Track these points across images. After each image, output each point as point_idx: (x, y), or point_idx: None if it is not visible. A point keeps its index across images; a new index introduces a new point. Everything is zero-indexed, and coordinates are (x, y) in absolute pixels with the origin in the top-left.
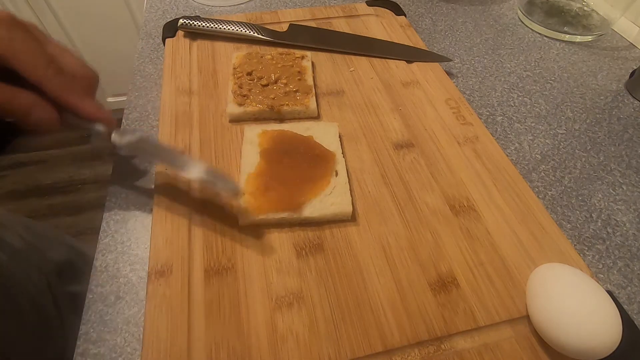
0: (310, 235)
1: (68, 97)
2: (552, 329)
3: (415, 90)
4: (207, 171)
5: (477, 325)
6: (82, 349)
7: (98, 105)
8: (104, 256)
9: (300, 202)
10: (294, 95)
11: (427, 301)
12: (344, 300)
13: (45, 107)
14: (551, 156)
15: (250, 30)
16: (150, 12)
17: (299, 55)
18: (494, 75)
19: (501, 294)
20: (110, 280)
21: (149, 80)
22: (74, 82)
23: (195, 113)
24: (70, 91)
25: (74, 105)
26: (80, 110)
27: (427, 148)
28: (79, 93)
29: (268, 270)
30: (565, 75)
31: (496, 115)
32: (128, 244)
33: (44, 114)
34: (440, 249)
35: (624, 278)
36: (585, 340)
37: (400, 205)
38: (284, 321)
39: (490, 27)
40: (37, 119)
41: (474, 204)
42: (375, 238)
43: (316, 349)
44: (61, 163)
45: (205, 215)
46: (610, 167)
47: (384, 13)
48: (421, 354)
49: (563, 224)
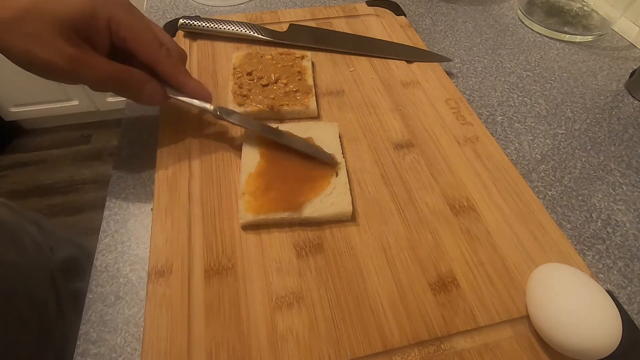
0: (310, 235)
1: (178, 75)
2: (552, 329)
3: (415, 90)
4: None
5: (477, 325)
6: (82, 349)
7: (200, 83)
8: (104, 256)
9: (300, 202)
10: (294, 95)
11: (427, 301)
12: (344, 300)
13: (156, 84)
14: (551, 156)
15: (250, 30)
16: (150, 12)
17: (299, 55)
18: (494, 75)
19: (501, 294)
20: (110, 280)
21: None
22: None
23: (195, 113)
24: (178, 70)
25: (182, 83)
26: (187, 87)
27: (427, 148)
28: (183, 71)
29: (268, 270)
30: (565, 75)
31: (496, 115)
32: (128, 244)
33: (155, 89)
34: (440, 249)
35: (624, 278)
36: (585, 340)
37: (400, 205)
38: (284, 321)
39: (490, 27)
40: (148, 94)
41: (474, 204)
42: (375, 238)
43: (316, 349)
44: (61, 163)
45: (205, 215)
46: (610, 167)
47: (384, 13)
48: (421, 354)
49: (563, 224)
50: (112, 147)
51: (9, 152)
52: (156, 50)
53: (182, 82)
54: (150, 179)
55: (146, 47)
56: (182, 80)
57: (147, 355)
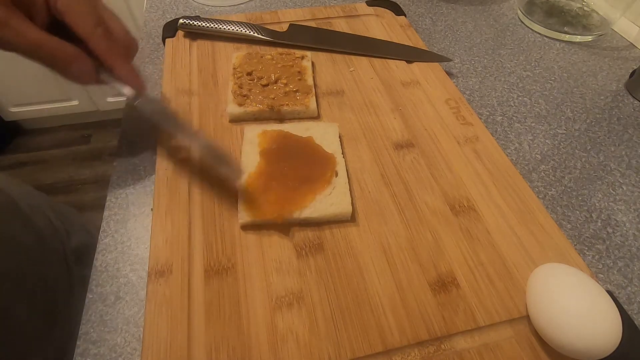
0: (310, 235)
1: (110, 57)
2: (552, 329)
3: (415, 90)
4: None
5: (477, 325)
6: (82, 349)
7: (135, 71)
8: (104, 256)
9: (299, 202)
10: (294, 95)
11: (427, 301)
12: (344, 300)
13: (86, 61)
14: (551, 156)
15: (250, 30)
16: (150, 12)
17: (299, 55)
18: (494, 75)
19: (501, 294)
20: (110, 280)
21: (149, 80)
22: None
23: (195, 113)
24: (112, 52)
25: (114, 66)
26: (118, 72)
27: (427, 148)
28: (120, 56)
29: (268, 270)
30: (565, 75)
31: (496, 115)
32: (128, 244)
33: (84, 67)
34: (440, 249)
35: (624, 278)
36: (585, 340)
37: (400, 205)
38: (284, 321)
39: (490, 27)
40: (76, 70)
41: (474, 204)
42: (375, 238)
43: (316, 349)
44: (61, 163)
45: (205, 215)
46: (610, 167)
47: (384, 13)
48: (421, 354)
49: (563, 224)
50: (112, 147)
51: (9, 152)
52: (91, 27)
53: (113, 64)
54: (150, 179)
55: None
56: (114, 63)
57: (147, 355)
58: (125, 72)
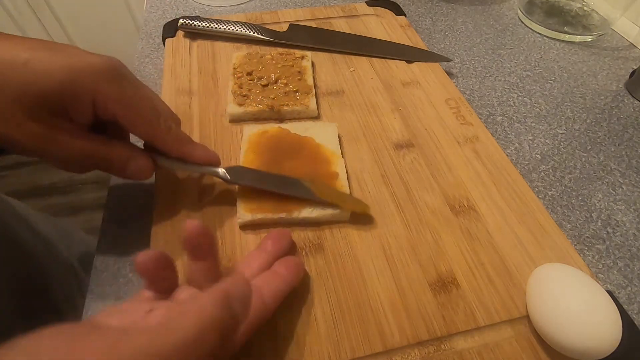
0: (310, 235)
1: (182, 148)
2: (552, 329)
3: (415, 90)
4: None
5: (477, 325)
6: None
7: (205, 148)
8: (104, 256)
9: (298, 202)
10: (294, 95)
11: (427, 301)
12: (344, 300)
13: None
14: (551, 156)
15: (250, 30)
16: (150, 12)
17: (299, 55)
18: (494, 75)
19: (501, 294)
20: (110, 280)
21: (149, 80)
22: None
23: (195, 113)
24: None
25: (188, 155)
26: (193, 157)
27: (427, 148)
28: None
29: None
30: (565, 75)
31: (496, 115)
32: (128, 244)
33: (141, 166)
34: (440, 249)
35: (624, 278)
36: (585, 340)
37: (400, 205)
38: (284, 321)
39: (490, 27)
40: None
41: (474, 204)
42: (375, 238)
43: (316, 349)
44: None
45: (205, 215)
46: (610, 167)
47: (384, 13)
48: (421, 354)
49: (563, 224)
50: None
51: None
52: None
53: (188, 153)
54: (150, 179)
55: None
56: (188, 152)
57: None
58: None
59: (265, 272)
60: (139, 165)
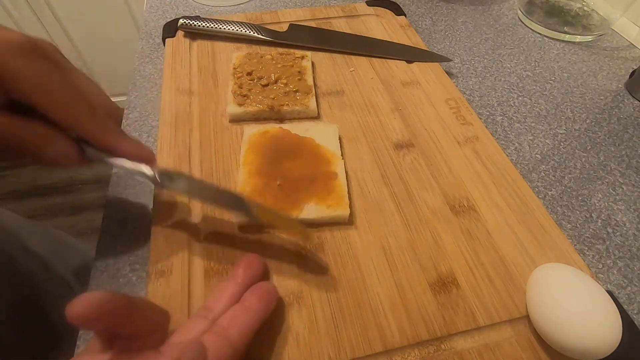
0: None
1: (104, 137)
2: (552, 329)
3: (415, 90)
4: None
5: (477, 325)
6: (82, 349)
7: (136, 142)
8: (104, 256)
9: (297, 203)
10: (294, 95)
11: (427, 301)
12: (344, 301)
13: (65, 144)
14: (551, 156)
15: (250, 30)
16: (150, 12)
17: (299, 55)
18: (494, 75)
19: (501, 294)
20: (110, 280)
21: (149, 80)
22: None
23: (195, 113)
24: (104, 130)
25: (112, 145)
26: (120, 151)
27: (427, 148)
28: (113, 131)
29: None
30: (565, 75)
31: (496, 115)
32: (128, 244)
33: (63, 151)
34: (440, 249)
35: (624, 278)
36: (585, 340)
37: (400, 206)
38: (284, 321)
39: (490, 27)
40: (54, 156)
41: (474, 204)
42: (375, 238)
43: (316, 349)
44: None
45: (205, 215)
46: (610, 167)
47: (384, 13)
48: (421, 354)
49: (563, 224)
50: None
51: None
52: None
53: (112, 144)
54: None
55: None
56: (111, 142)
57: None
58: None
59: (234, 307)
60: (59, 150)
